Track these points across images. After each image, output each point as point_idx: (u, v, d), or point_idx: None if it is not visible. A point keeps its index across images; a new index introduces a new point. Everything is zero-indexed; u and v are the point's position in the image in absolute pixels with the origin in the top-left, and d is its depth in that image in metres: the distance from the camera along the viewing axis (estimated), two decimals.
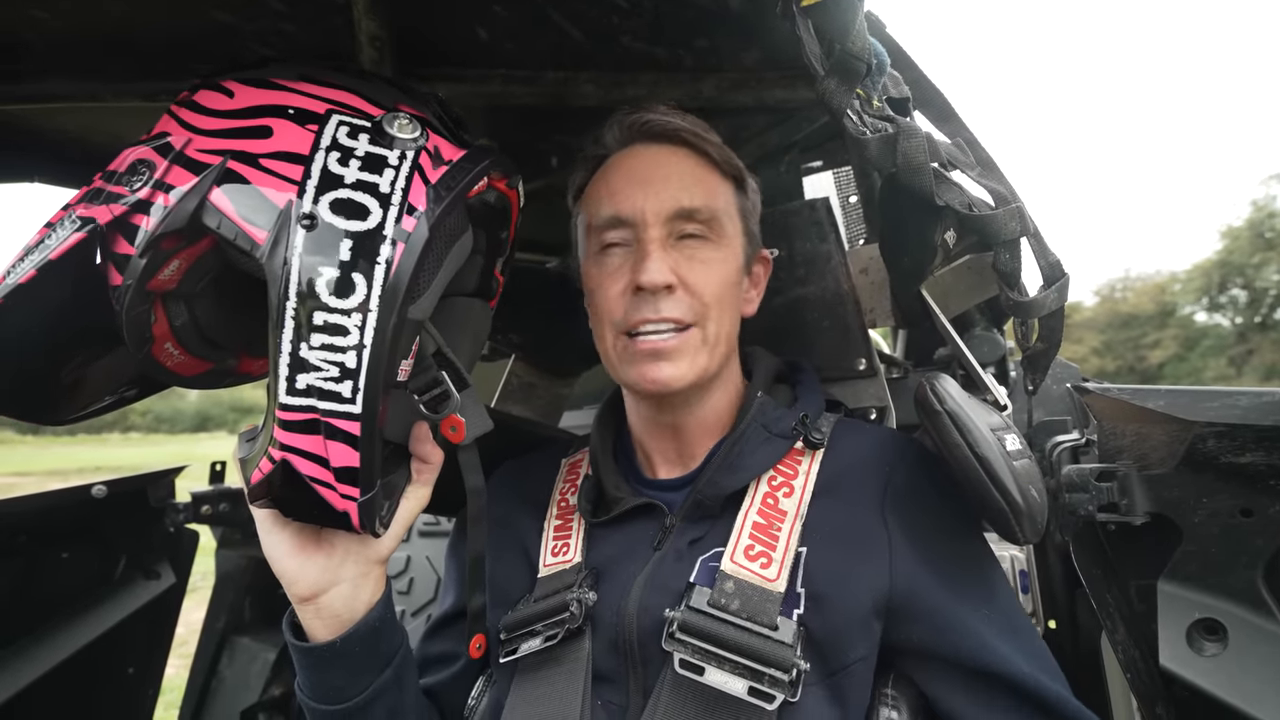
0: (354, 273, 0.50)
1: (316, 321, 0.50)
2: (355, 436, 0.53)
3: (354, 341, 0.51)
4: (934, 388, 0.66)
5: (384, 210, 0.52)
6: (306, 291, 0.50)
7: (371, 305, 0.51)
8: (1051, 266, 0.74)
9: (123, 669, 1.31)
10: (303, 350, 0.51)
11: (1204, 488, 0.69)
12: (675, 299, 0.72)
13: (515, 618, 0.73)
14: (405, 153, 0.55)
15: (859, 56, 0.64)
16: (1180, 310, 31.32)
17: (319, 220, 0.51)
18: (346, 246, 0.51)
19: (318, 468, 0.54)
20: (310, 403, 0.52)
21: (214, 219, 0.51)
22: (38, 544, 1.17)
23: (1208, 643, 0.69)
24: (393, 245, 0.51)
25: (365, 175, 0.53)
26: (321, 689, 0.65)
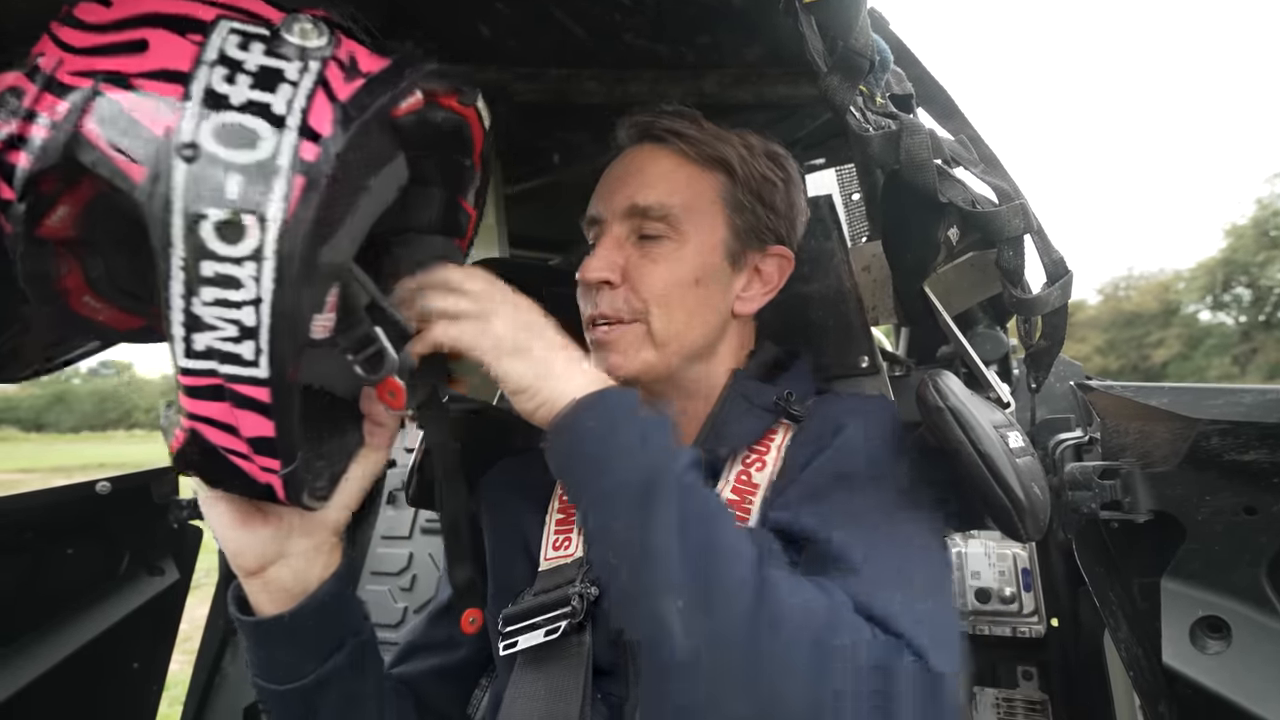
0: (244, 214, 0.42)
1: (206, 273, 0.42)
2: (266, 404, 0.46)
3: (250, 295, 0.43)
4: (936, 384, 0.66)
5: (278, 136, 0.43)
6: (191, 238, 0.42)
7: (266, 252, 0.42)
8: (1055, 264, 0.74)
9: (127, 664, 1.31)
10: (195, 306, 0.43)
11: (1207, 485, 0.69)
12: (612, 295, 0.73)
13: (516, 610, 0.73)
14: (308, 64, 0.45)
15: (862, 53, 0.64)
16: (1184, 309, 31.24)
17: (201, 151, 0.42)
18: (234, 182, 0.42)
19: (230, 438, 0.48)
20: (211, 366, 0.45)
21: (89, 154, 0.43)
22: (43, 540, 1.17)
23: (1211, 640, 0.69)
24: (289, 179, 0.43)
25: (257, 94, 0.43)
26: (269, 666, 0.62)
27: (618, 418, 0.56)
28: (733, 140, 0.78)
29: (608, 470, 0.54)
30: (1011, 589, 1.40)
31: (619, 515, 0.53)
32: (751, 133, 0.81)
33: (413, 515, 1.71)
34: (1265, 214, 27.55)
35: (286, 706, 0.63)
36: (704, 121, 0.78)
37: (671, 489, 0.52)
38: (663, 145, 0.77)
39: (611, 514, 0.54)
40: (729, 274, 0.78)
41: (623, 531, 0.52)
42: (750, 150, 0.79)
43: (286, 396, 0.47)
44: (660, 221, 0.74)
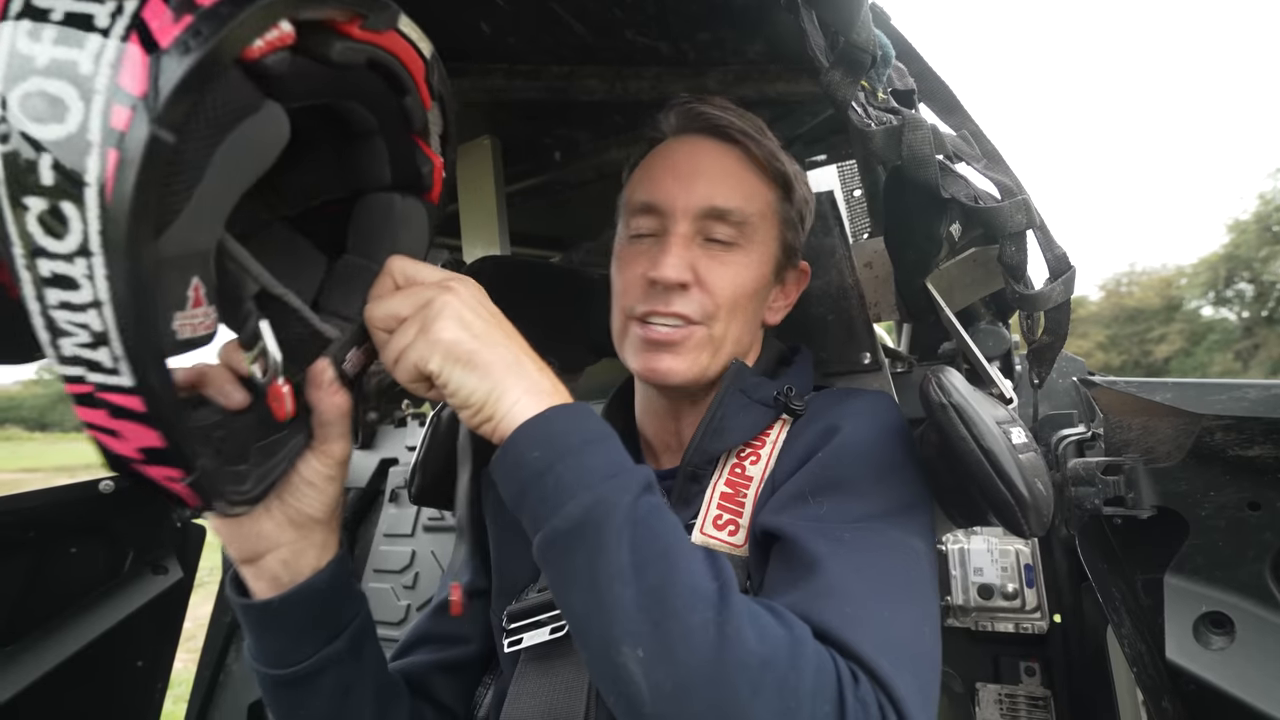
0: (62, 201, 0.35)
1: (44, 272, 0.36)
2: (142, 413, 0.41)
3: (89, 297, 0.37)
4: (939, 381, 0.66)
5: (85, 102, 0.34)
6: (23, 234, 0.36)
7: (92, 246, 0.35)
8: (1058, 259, 0.74)
9: (132, 662, 1.32)
10: (49, 309, 0.37)
11: (1211, 481, 0.69)
12: (688, 297, 0.72)
13: (521, 607, 0.73)
14: (122, 5, 0.35)
15: (864, 48, 0.64)
16: (1186, 304, 31.17)
17: (11, 129, 0.34)
18: (47, 164, 0.34)
19: (123, 445, 0.43)
20: (80, 372, 0.39)
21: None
22: (47, 539, 1.17)
23: (1215, 636, 0.68)
24: (100, 155, 0.34)
25: (62, 51, 0.34)
26: (262, 650, 0.63)
27: (562, 446, 0.51)
28: (788, 159, 0.79)
29: (554, 508, 0.50)
30: (1014, 585, 1.40)
31: (568, 558, 0.50)
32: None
33: (415, 513, 1.71)
34: (1268, 209, 27.46)
35: (281, 691, 0.64)
36: (765, 128, 0.78)
37: (622, 527, 0.49)
38: (733, 146, 0.76)
39: (560, 557, 0.50)
40: (770, 286, 0.80)
41: (574, 577, 0.49)
42: (798, 170, 0.80)
43: (164, 403, 0.41)
44: (734, 227, 0.73)
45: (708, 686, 0.45)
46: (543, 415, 0.53)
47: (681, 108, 0.78)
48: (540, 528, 0.51)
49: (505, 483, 0.53)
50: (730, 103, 0.78)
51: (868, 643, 0.51)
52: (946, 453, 0.66)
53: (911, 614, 0.56)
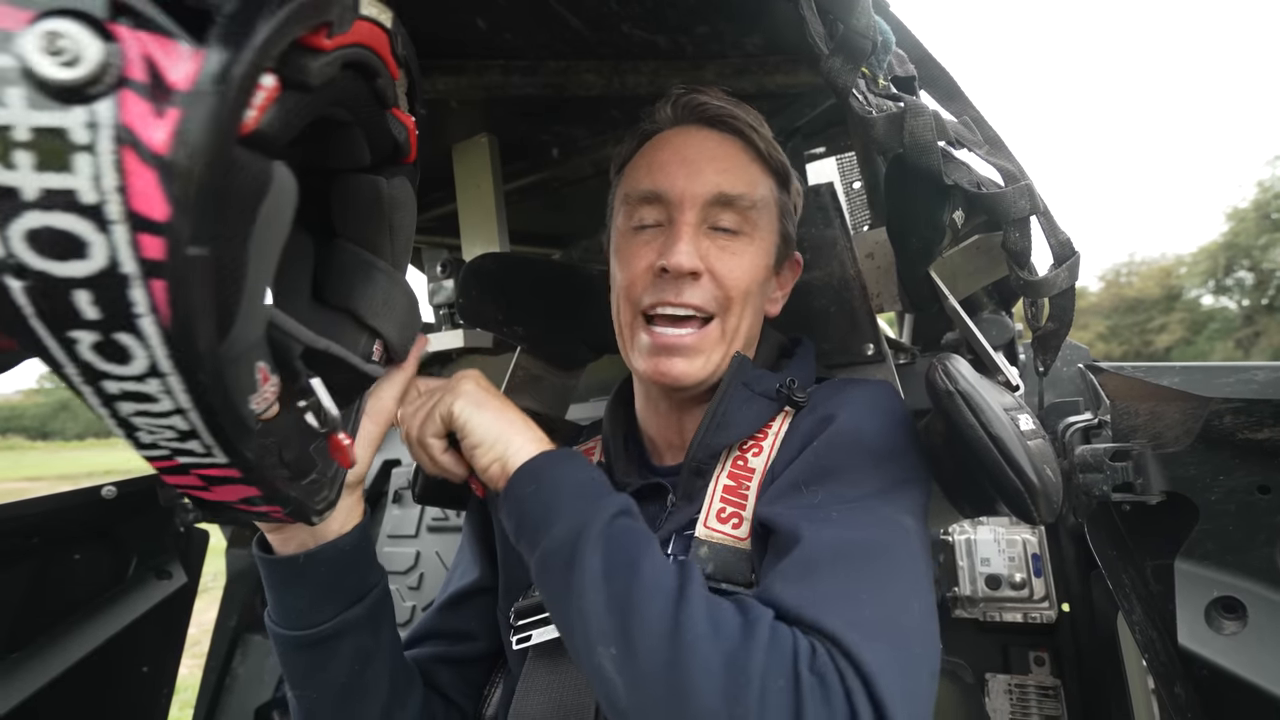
0: (115, 333, 0.33)
1: (111, 390, 0.35)
2: (239, 477, 0.42)
3: (170, 407, 0.36)
4: (945, 369, 0.65)
5: (104, 235, 0.30)
6: (77, 363, 0.34)
7: (163, 368, 0.34)
8: (1062, 245, 0.73)
9: (137, 668, 1.31)
10: (121, 414, 0.37)
11: (1220, 465, 0.68)
12: (699, 286, 0.71)
13: (528, 604, 0.73)
14: (95, 110, 0.29)
15: (863, 34, 0.63)
16: (1186, 294, 31.16)
17: (29, 269, 0.31)
18: (85, 300, 0.32)
19: (225, 494, 0.44)
20: (166, 453, 0.40)
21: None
22: (50, 545, 1.17)
23: (1227, 621, 0.68)
24: (145, 287, 0.32)
25: (50, 179, 0.30)
26: (284, 610, 0.64)
27: (551, 481, 0.61)
28: (782, 151, 0.80)
29: (544, 533, 0.58)
30: (1022, 575, 1.39)
31: (555, 574, 0.56)
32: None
33: (419, 514, 1.71)
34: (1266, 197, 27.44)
35: (300, 654, 0.64)
36: (763, 119, 0.79)
37: (595, 542, 0.55)
38: (734, 136, 0.76)
39: (548, 574, 0.57)
40: (771, 276, 0.80)
41: (559, 591, 0.55)
42: (789, 164, 0.81)
43: (258, 468, 0.42)
44: (741, 215, 0.73)
45: (663, 670, 0.48)
46: (538, 458, 0.63)
47: (680, 99, 0.77)
48: (534, 551, 0.59)
49: (507, 517, 0.63)
50: (726, 94, 0.78)
51: (834, 617, 0.50)
52: (954, 441, 0.65)
53: (896, 589, 0.55)
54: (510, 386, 1.35)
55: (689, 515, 0.70)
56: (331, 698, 0.65)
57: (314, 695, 0.65)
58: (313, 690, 0.64)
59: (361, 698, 0.66)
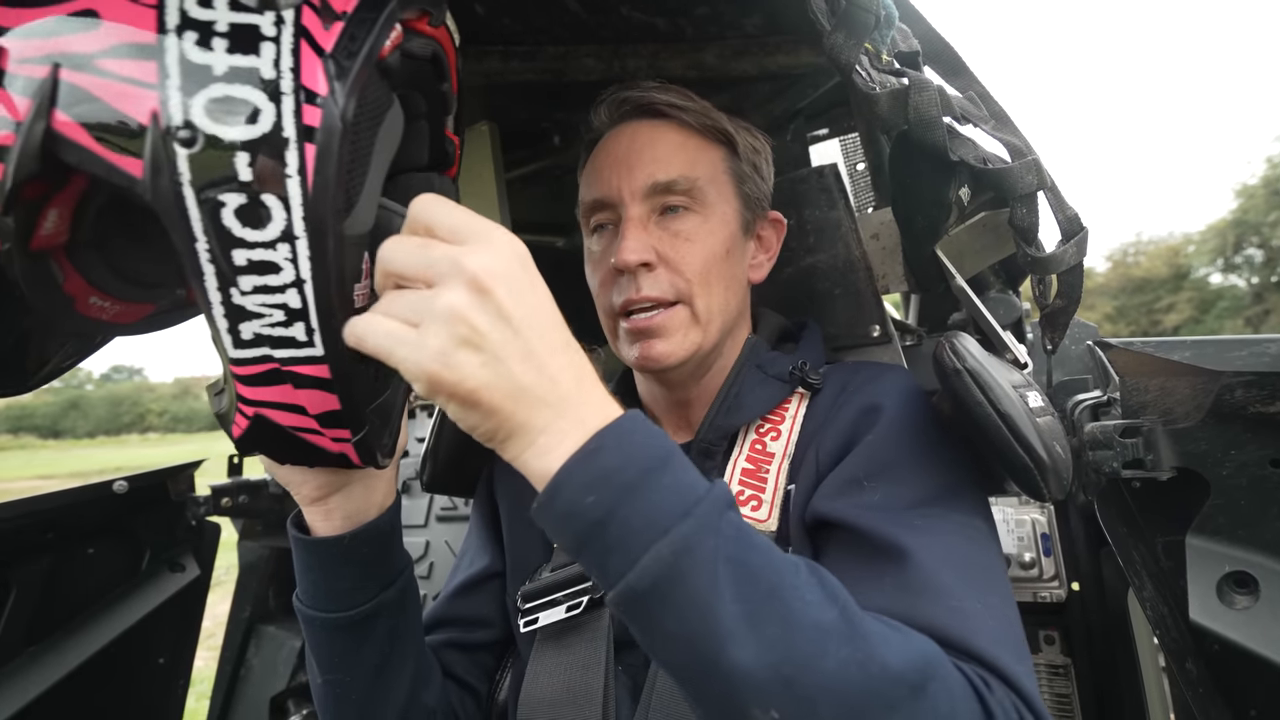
0: (263, 194, 0.39)
1: (238, 262, 0.40)
2: (327, 380, 0.45)
3: (290, 278, 0.41)
4: (953, 347, 0.65)
5: (275, 104, 0.38)
6: (214, 228, 0.39)
7: (296, 231, 0.40)
8: (1070, 220, 0.73)
9: (153, 660, 1.33)
10: (235, 297, 0.41)
11: (1232, 439, 0.67)
12: (654, 277, 0.71)
13: (534, 587, 0.73)
14: (282, 15, 0.39)
15: (866, 8, 0.62)
16: (1195, 273, 30.90)
17: (199, 132, 0.38)
18: (244, 162, 0.38)
19: (297, 417, 0.47)
20: (264, 352, 0.43)
21: (72, 153, 0.39)
22: (65, 540, 1.18)
23: (1238, 595, 0.68)
24: (299, 149, 0.39)
25: (238, 59, 0.38)
26: (324, 593, 0.62)
27: (619, 485, 0.43)
28: (720, 113, 0.78)
29: (626, 563, 0.42)
30: (1031, 554, 1.39)
31: (658, 619, 0.42)
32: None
33: (428, 503, 1.72)
34: (1276, 173, 27.12)
35: (338, 636, 0.63)
36: (691, 94, 0.78)
37: (717, 575, 0.41)
38: (664, 120, 0.76)
39: (647, 617, 0.42)
40: (744, 243, 0.79)
41: (670, 638, 0.42)
42: (735, 121, 0.80)
43: (346, 368, 0.45)
44: (685, 195, 0.73)
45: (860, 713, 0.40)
46: (588, 449, 0.43)
47: (608, 100, 0.78)
48: (613, 583, 0.43)
49: (556, 534, 0.45)
50: (655, 81, 0.78)
51: (983, 639, 0.48)
52: (962, 419, 0.65)
53: (1000, 598, 0.54)
54: None
55: None
56: (364, 679, 0.64)
57: (346, 678, 0.64)
58: (345, 673, 0.64)
59: (392, 679, 0.66)
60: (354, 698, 0.64)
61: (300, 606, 0.64)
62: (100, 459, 22.76)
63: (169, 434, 56.64)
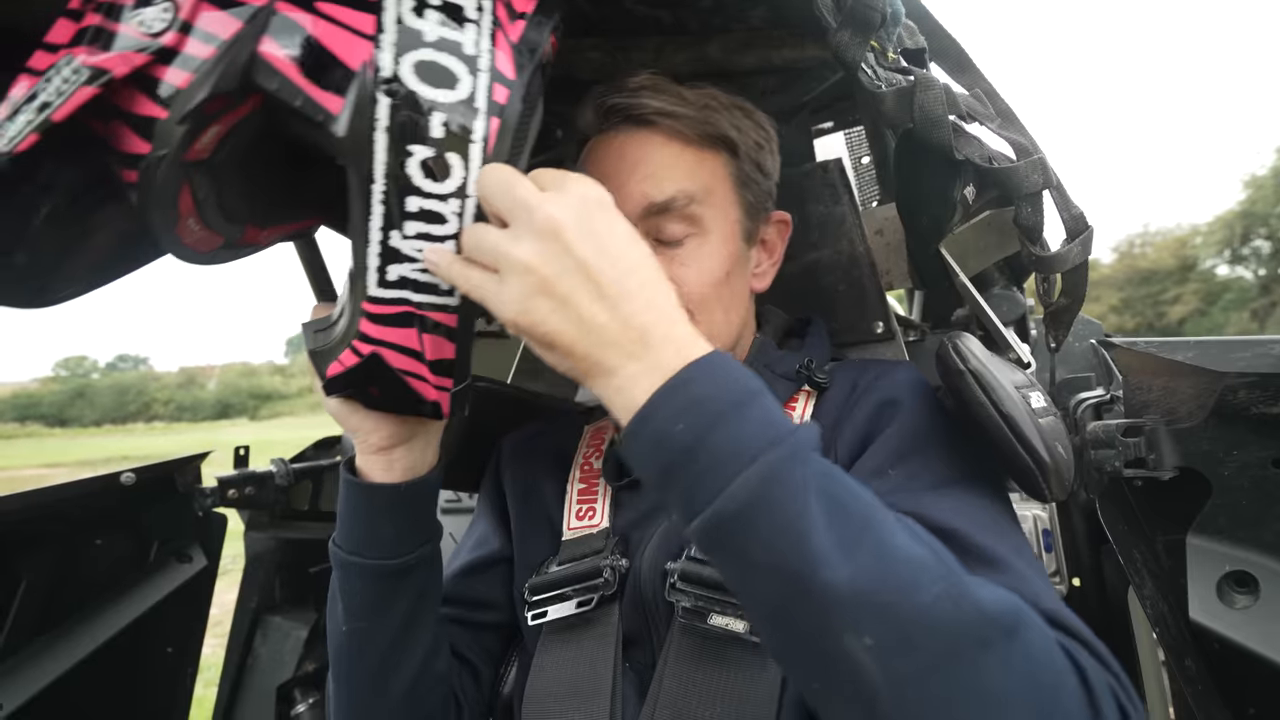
0: (448, 152, 0.44)
1: (410, 208, 0.45)
2: (453, 329, 0.50)
3: (452, 230, 0.46)
4: (956, 346, 0.65)
5: (473, 77, 0.44)
6: (397, 173, 0.44)
7: (469, 190, 0.45)
8: (1075, 219, 0.72)
9: (162, 649, 1.35)
10: (394, 239, 0.45)
11: (1234, 440, 0.68)
12: None
13: (543, 580, 0.74)
14: (482, 3, 0.45)
15: (873, 5, 0.62)
16: (1201, 264, 30.72)
17: (403, 87, 0.43)
18: (439, 120, 0.44)
19: (412, 361, 0.51)
20: (404, 295, 0.48)
21: (271, 79, 0.42)
22: (73, 531, 1.20)
23: (1238, 595, 0.68)
24: (486, 120, 0.45)
25: (447, 32, 0.44)
26: (369, 539, 0.63)
27: (710, 413, 0.44)
28: (720, 109, 0.73)
29: (714, 489, 0.42)
30: (1033, 549, 1.40)
31: (745, 544, 0.42)
32: (722, 91, 0.75)
33: None
34: None
35: (374, 583, 0.64)
36: (684, 90, 0.72)
37: (810, 501, 0.41)
38: (654, 129, 0.70)
39: (732, 542, 0.43)
40: (746, 255, 0.76)
41: (757, 564, 0.42)
42: (737, 116, 0.74)
43: (470, 322, 0.51)
44: (682, 217, 0.69)
45: (953, 668, 0.39)
46: (678, 381, 0.44)
47: (594, 102, 0.73)
48: (697, 512, 0.43)
49: (643, 463, 0.46)
50: (647, 76, 0.72)
51: (1051, 603, 0.48)
52: (964, 420, 0.65)
53: (1040, 571, 0.54)
54: (519, 371, 1.36)
55: None
56: (390, 631, 0.65)
57: (374, 628, 0.64)
58: (374, 621, 0.64)
59: (415, 636, 0.66)
60: (377, 649, 0.65)
61: (340, 553, 0.64)
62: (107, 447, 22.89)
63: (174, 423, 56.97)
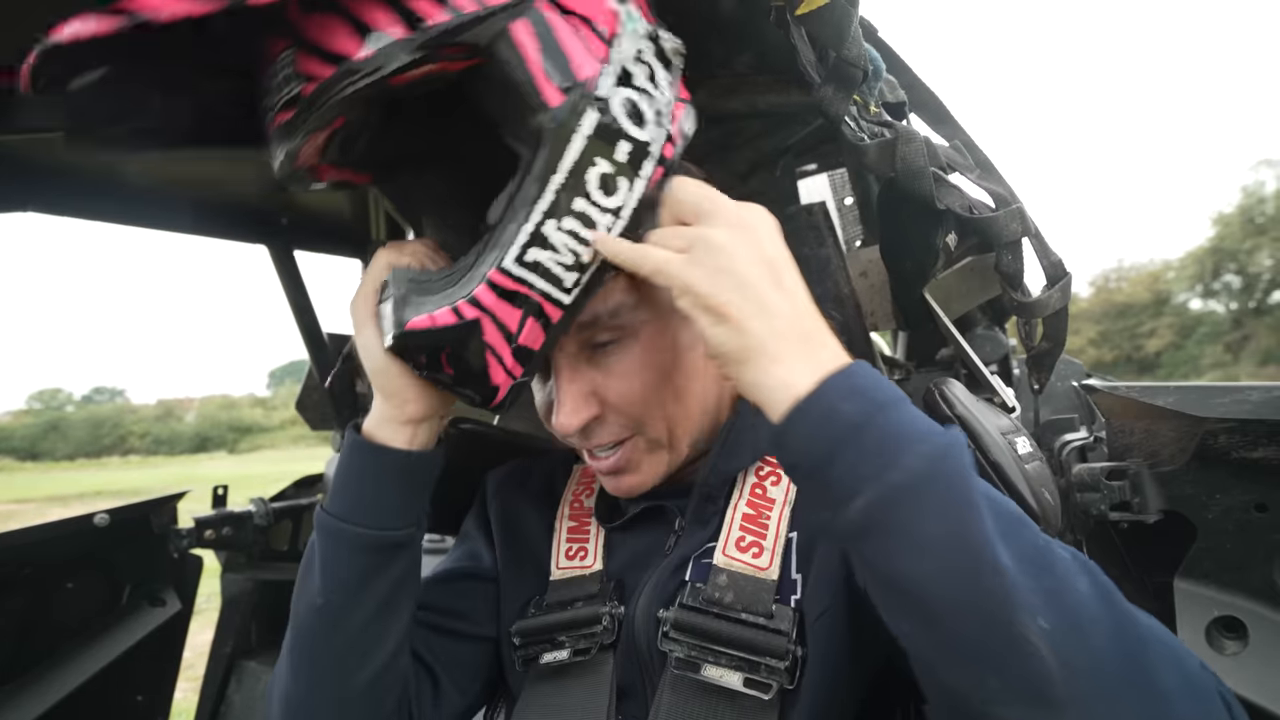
0: (620, 176, 0.51)
1: (575, 207, 0.50)
2: (553, 324, 0.54)
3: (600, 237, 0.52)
4: (943, 393, 0.66)
5: (659, 128, 0.52)
6: (577, 175, 0.50)
7: (624, 214, 0.52)
8: (1054, 266, 0.74)
9: (132, 697, 1.30)
10: (548, 227, 0.50)
11: (1217, 484, 0.68)
12: (603, 423, 0.65)
13: (533, 624, 0.71)
14: (673, 71, 0.54)
15: (855, 63, 0.64)
16: (1175, 298, 31.45)
17: (610, 111, 0.49)
18: (624, 149, 0.50)
19: (502, 340, 0.54)
20: (531, 278, 0.52)
21: (508, 53, 0.48)
22: (43, 574, 1.16)
23: (1228, 641, 0.68)
24: (654, 165, 0.52)
25: (648, 85, 0.52)
26: (372, 505, 0.63)
27: (878, 399, 0.45)
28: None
29: (886, 462, 0.43)
30: None
31: (915, 518, 0.42)
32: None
33: None
34: (1251, 201, 27.80)
35: (360, 557, 0.63)
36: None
37: (974, 482, 0.43)
38: None
39: (900, 516, 0.43)
40: (693, 337, 0.68)
41: (927, 539, 0.42)
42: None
43: (568, 323, 0.55)
44: (610, 329, 0.63)
45: (1116, 660, 0.40)
46: (845, 372, 0.46)
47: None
48: (861, 489, 0.43)
49: (806, 441, 0.46)
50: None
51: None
52: None
53: None
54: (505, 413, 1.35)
55: (702, 540, 0.70)
56: (366, 612, 0.63)
57: (351, 604, 0.63)
58: (352, 597, 0.63)
59: (389, 622, 0.65)
60: (350, 629, 0.63)
61: (332, 520, 0.63)
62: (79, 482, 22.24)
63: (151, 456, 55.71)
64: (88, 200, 1.22)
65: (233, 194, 1.39)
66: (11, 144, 1.05)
